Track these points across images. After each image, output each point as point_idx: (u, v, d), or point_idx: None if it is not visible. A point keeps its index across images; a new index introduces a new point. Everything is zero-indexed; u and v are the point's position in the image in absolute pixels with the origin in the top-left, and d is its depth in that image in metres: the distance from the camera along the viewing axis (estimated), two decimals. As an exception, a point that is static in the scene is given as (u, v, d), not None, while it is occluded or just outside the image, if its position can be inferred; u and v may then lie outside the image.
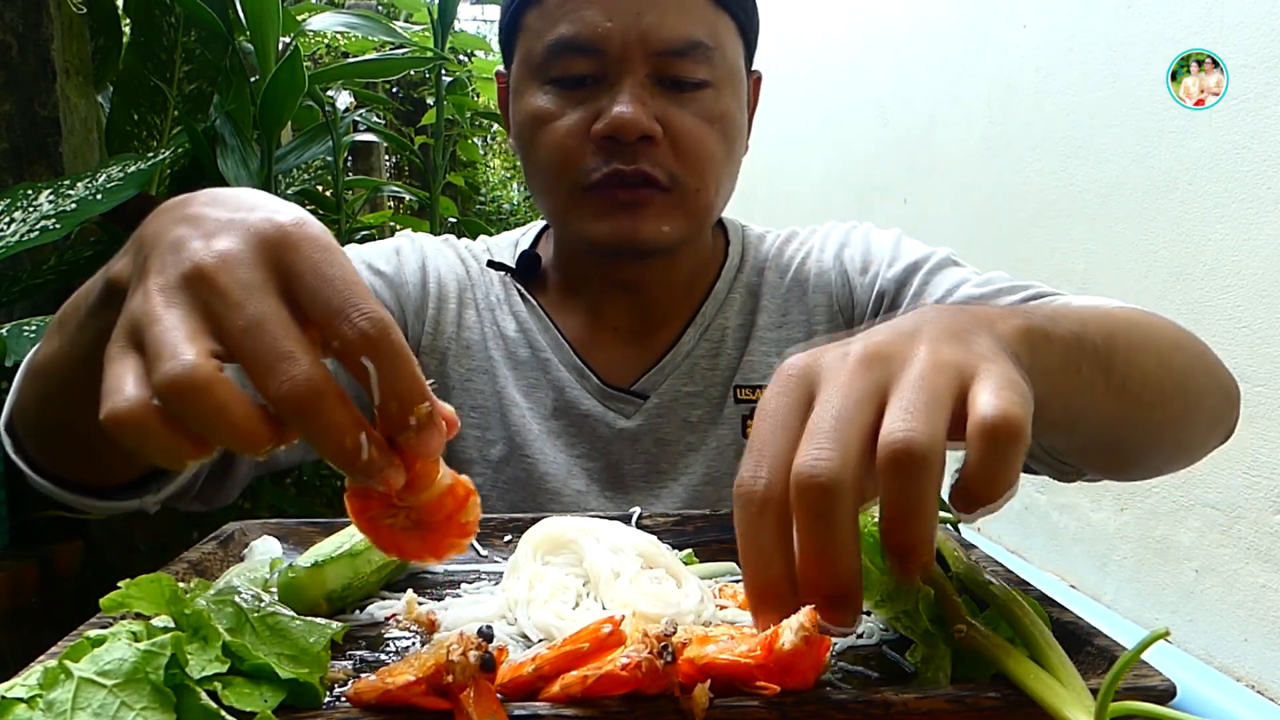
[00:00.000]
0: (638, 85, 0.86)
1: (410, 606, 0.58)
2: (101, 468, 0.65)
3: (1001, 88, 2.34)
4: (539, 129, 0.90)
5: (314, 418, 0.39)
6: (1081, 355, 0.56)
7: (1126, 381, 0.61)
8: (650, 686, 0.43)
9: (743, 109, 0.94)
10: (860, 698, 0.44)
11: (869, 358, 0.46)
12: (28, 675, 0.41)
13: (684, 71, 0.87)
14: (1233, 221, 1.63)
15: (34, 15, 1.77)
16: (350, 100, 3.15)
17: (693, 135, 0.88)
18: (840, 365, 0.46)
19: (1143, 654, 0.42)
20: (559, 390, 0.97)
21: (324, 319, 0.41)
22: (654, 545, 0.63)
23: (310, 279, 0.41)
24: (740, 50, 0.94)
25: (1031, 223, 2.20)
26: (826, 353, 0.48)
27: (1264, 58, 1.55)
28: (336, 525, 0.68)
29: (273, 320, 0.40)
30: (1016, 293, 0.88)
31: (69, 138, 1.83)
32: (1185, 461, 0.77)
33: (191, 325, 0.40)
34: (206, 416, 0.38)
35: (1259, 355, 1.58)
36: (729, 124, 0.91)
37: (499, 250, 1.07)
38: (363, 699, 0.44)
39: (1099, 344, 0.58)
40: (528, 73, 0.91)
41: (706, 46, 0.87)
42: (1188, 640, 1.70)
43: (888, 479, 0.42)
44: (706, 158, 0.89)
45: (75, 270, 1.79)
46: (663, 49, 0.86)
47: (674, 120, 0.87)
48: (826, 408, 0.44)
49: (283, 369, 0.39)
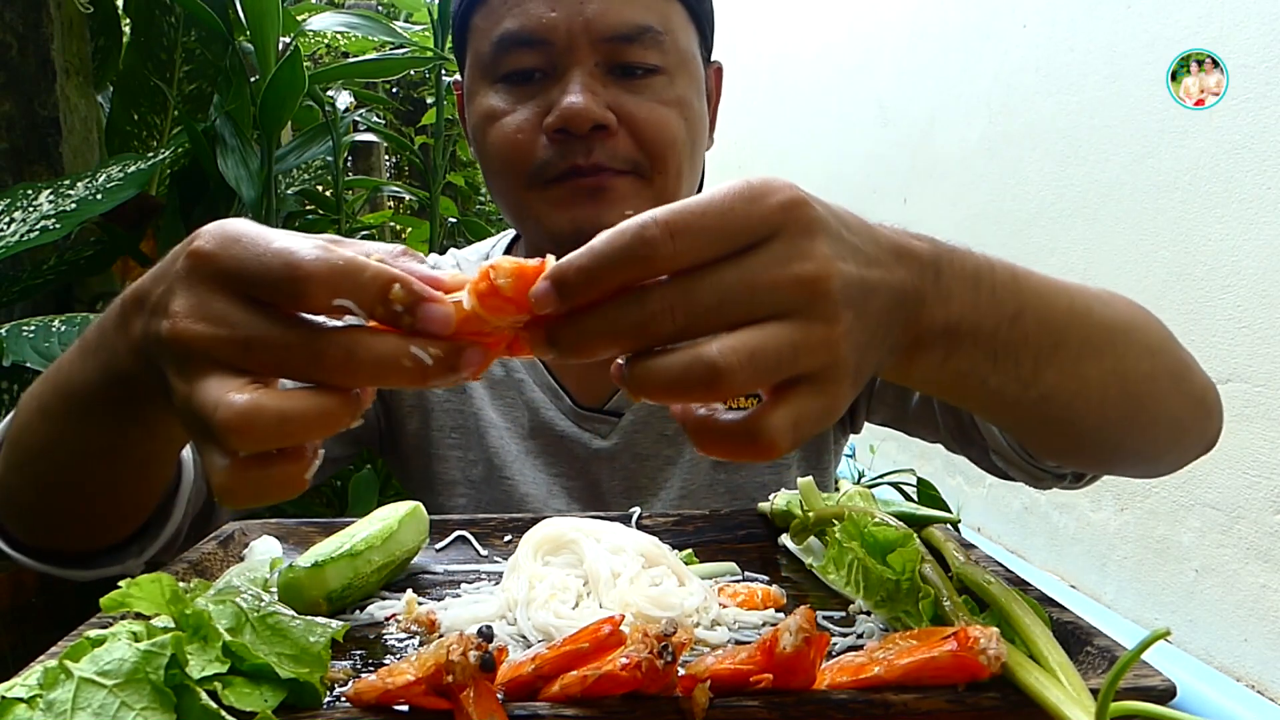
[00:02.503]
0: (587, 75, 0.83)
1: (410, 606, 0.58)
2: (94, 529, 0.66)
3: (1001, 88, 2.34)
4: (490, 127, 0.87)
5: (359, 370, 0.40)
6: (999, 316, 0.53)
7: (1044, 372, 0.57)
8: (650, 686, 0.43)
9: (701, 97, 0.91)
10: (860, 698, 0.44)
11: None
12: (28, 675, 0.41)
13: (634, 57, 0.84)
14: (1233, 221, 1.63)
15: (34, 15, 1.77)
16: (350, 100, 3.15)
17: (651, 120, 0.85)
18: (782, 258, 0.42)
19: (1143, 654, 0.42)
20: (534, 410, 0.96)
21: (279, 300, 0.42)
22: (655, 546, 0.63)
23: (245, 276, 0.42)
24: (694, 38, 0.91)
25: (1031, 223, 2.20)
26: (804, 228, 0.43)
27: (1264, 58, 1.55)
28: (336, 525, 0.68)
29: (259, 328, 0.41)
30: None
31: (69, 138, 1.83)
32: (1149, 467, 0.73)
33: (212, 379, 0.41)
34: (273, 432, 0.39)
35: (1259, 355, 1.58)
36: (687, 109, 0.88)
37: (468, 264, 1.04)
38: (363, 699, 0.44)
39: (1031, 326, 0.55)
40: (479, 73, 0.89)
41: (656, 32, 0.85)
42: (1188, 640, 1.70)
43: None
44: (668, 140, 0.86)
45: (75, 270, 1.79)
46: (610, 35, 0.83)
47: (628, 107, 0.84)
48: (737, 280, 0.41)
49: (302, 356, 0.40)
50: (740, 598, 0.60)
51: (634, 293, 0.41)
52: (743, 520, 0.76)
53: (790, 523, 0.70)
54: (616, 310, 0.41)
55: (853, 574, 0.61)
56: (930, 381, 0.54)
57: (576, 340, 0.41)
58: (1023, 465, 0.78)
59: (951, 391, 0.57)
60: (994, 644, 0.44)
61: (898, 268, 0.47)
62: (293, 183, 2.38)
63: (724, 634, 0.55)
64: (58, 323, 1.42)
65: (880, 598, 0.58)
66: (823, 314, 0.42)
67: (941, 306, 0.49)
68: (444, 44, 2.42)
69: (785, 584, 0.64)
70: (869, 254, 0.45)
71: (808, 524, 0.68)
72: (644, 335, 0.41)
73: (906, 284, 0.47)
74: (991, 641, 0.44)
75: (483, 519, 0.74)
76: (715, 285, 0.41)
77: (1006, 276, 0.54)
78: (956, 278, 0.50)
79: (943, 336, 0.50)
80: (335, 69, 2.41)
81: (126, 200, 1.61)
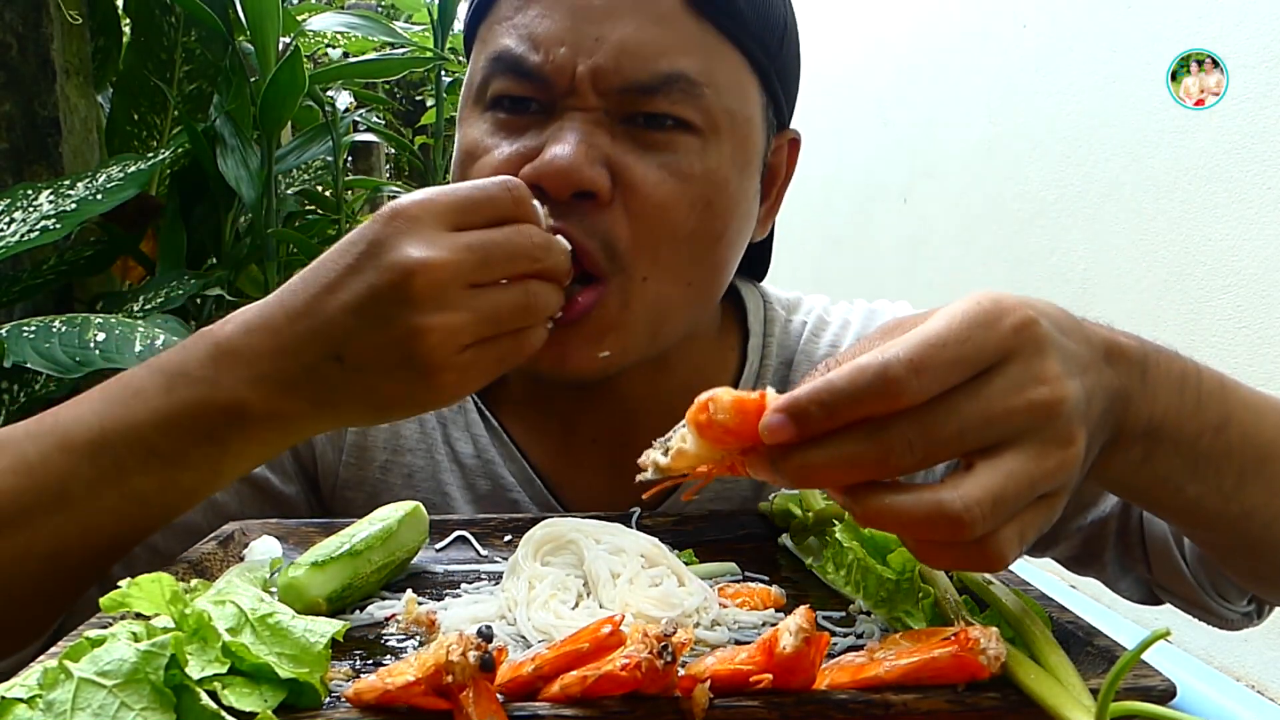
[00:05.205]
0: (589, 122, 0.66)
1: (410, 606, 0.58)
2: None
3: (1001, 88, 2.34)
4: (468, 167, 0.70)
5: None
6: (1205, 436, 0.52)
7: (1249, 487, 0.55)
8: (650, 686, 0.43)
9: (745, 171, 0.71)
10: (860, 698, 0.44)
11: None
12: (28, 675, 0.41)
13: (658, 108, 0.66)
14: (1233, 221, 1.63)
15: (34, 15, 1.77)
16: (350, 100, 3.15)
17: (654, 194, 0.66)
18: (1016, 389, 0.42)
19: (1143, 654, 0.41)
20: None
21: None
22: (656, 547, 0.63)
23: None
24: (753, 95, 0.71)
25: (1031, 223, 2.20)
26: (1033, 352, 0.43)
27: (1264, 58, 1.55)
28: (336, 525, 0.68)
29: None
30: None
31: (69, 138, 1.83)
32: None
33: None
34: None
35: (1259, 355, 1.58)
36: (715, 188, 0.68)
37: None
38: (363, 699, 0.44)
39: (1236, 438, 0.53)
40: (469, 96, 0.73)
41: (688, 81, 0.66)
42: (1188, 640, 1.70)
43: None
44: (666, 232, 0.67)
45: (75, 270, 1.79)
46: (623, 86, 0.65)
47: (632, 172, 0.66)
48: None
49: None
50: (740, 598, 0.60)
51: (872, 426, 0.41)
52: (743, 520, 0.76)
53: (790, 523, 0.70)
54: (853, 443, 0.41)
55: (853, 574, 0.61)
56: (1127, 483, 0.54)
57: (804, 469, 0.42)
58: (1205, 602, 0.73)
59: (1147, 496, 0.56)
60: (994, 644, 0.44)
61: (1108, 369, 0.47)
62: (293, 183, 2.38)
63: (724, 634, 0.55)
64: (58, 323, 1.42)
65: (880, 598, 0.58)
66: (1058, 437, 0.42)
67: (1146, 405, 0.49)
68: (443, 44, 2.42)
69: (785, 584, 0.64)
70: (1085, 359, 0.45)
71: (808, 524, 0.68)
72: (882, 469, 0.41)
73: (1116, 384, 0.47)
74: (991, 641, 0.44)
75: (483, 519, 0.74)
76: (955, 417, 0.41)
77: (1214, 385, 0.54)
78: (1162, 379, 0.50)
79: (1144, 437, 0.50)
80: (335, 69, 2.41)
81: (126, 200, 1.61)
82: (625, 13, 0.65)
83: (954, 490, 0.40)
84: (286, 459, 0.82)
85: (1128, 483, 0.54)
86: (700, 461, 0.45)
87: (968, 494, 0.40)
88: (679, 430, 0.46)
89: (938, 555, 0.44)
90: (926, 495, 0.40)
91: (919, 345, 0.41)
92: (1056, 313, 0.46)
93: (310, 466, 0.83)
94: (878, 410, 0.41)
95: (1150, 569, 0.75)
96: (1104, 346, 0.47)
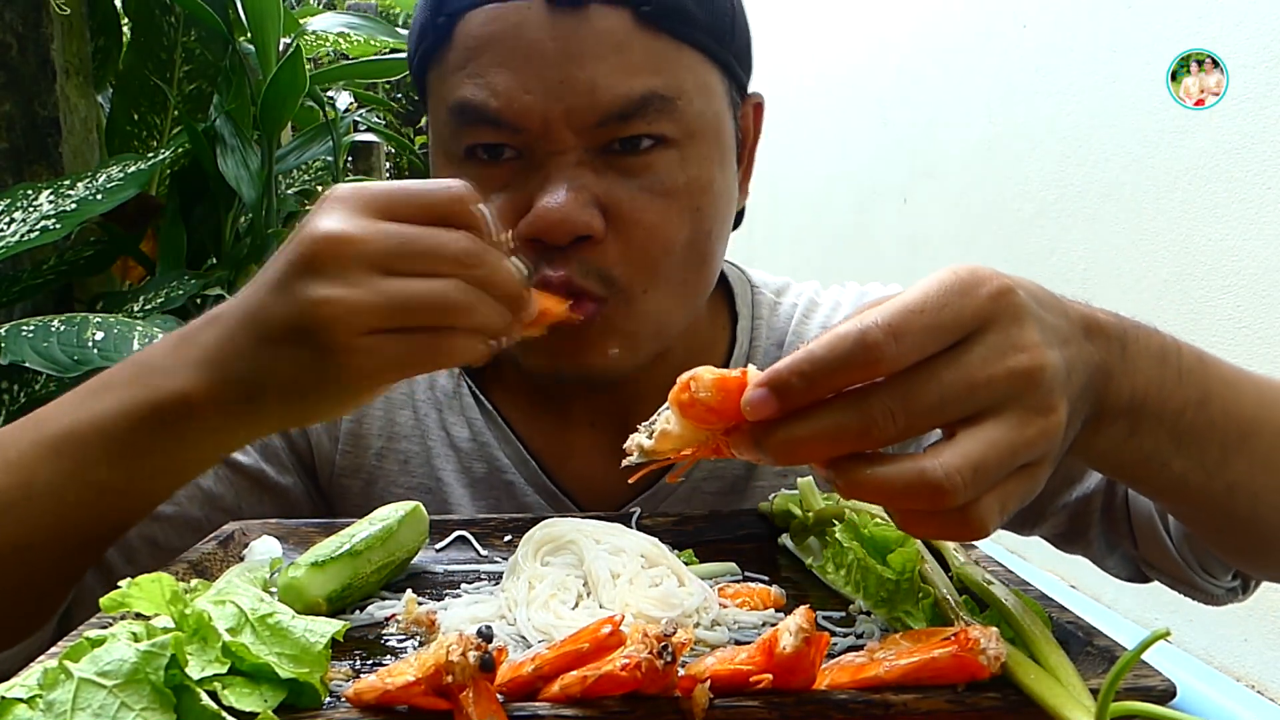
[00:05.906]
0: (573, 165, 0.67)
1: (410, 606, 0.58)
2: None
3: (1001, 88, 2.34)
4: None
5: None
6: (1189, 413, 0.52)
7: (1232, 462, 0.55)
8: (650, 686, 0.43)
9: (724, 163, 0.75)
10: (860, 698, 0.44)
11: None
12: (28, 675, 0.41)
13: (637, 130, 0.68)
14: (1233, 221, 1.63)
15: (34, 15, 1.77)
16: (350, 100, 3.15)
17: (644, 219, 0.68)
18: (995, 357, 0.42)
19: (1143, 654, 0.41)
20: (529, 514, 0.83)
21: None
22: (655, 547, 0.63)
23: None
24: (718, 88, 0.73)
25: (1031, 223, 2.20)
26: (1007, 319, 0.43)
27: (1264, 58, 1.55)
28: (336, 525, 0.68)
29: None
30: None
31: (69, 138, 1.83)
32: None
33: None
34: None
35: (1259, 355, 1.58)
36: (699, 192, 0.71)
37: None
38: (363, 699, 0.44)
39: (1218, 412, 0.54)
40: (437, 146, 0.74)
41: (662, 98, 0.67)
42: (1188, 640, 1.70)
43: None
44: (660, 250, 0.70)
45: (75, 270, 1.79)
46: (601, 118, 0.67)
47: (625, 207, 0.68)
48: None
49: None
50: (740, 598, 0.60)
51: (852, 397, 0.41)
52: (743, 520, 0.76)
53: (790, 523, 0.70)
54: (835, 415, 0.41)
55: (852, 574, 0.61)
56: (1112, 460, 0.54)
57: (788, 444, 0.42)
58: (1190, 578, 0.73)
59: (1132, 473, 0.56)
60: (994, 644, 0.44)
61: (1087, 343, 0.47)
62: (293, 183, 2.38)
63: (724, 634, 0.55)
64: (57, 323, 1.42)
65: (880, 598, 0.58)
66: (1039, 405, 0.42)
67: (1127, 380, 0.49)
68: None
69: (785, 584, 0.64)
70: (1064, 332, 0.46)
71: (808, 524, 0.68)
72: (864, 440, 0.41)
73: (1096, 359, 0.47)
74: (991, 641, 0.44)
75: (483, 519, 0.74)
76: (935, 386, 0.41)
77: (1193, 360, 0.54)
78: (1142, 354, 0.50)
79: (1126, 412, 0.50)
80: (335, 69, 2.41)
81: (126, 200, 1.61)
82: (583, 50, 0.66)
83: (935, 459, 0.40)
84: (283, 450, 0.82)
85: (1112, 460, 0.54)
86: (684, 443, 0.45)
87: (948, 462, 0.40)
88: (663, 412, 0.45)
89: (920, 524, 0.44)
90: (908, 464, 0.41)
91: (897, 311, 0.41)
92: (1034, 287, 0.46)
93: (307, 456, 0.84)
94: (858, 379, 0.41)
95: (1136, 545, 0.76)
96: (1082, 321, 0.48)
